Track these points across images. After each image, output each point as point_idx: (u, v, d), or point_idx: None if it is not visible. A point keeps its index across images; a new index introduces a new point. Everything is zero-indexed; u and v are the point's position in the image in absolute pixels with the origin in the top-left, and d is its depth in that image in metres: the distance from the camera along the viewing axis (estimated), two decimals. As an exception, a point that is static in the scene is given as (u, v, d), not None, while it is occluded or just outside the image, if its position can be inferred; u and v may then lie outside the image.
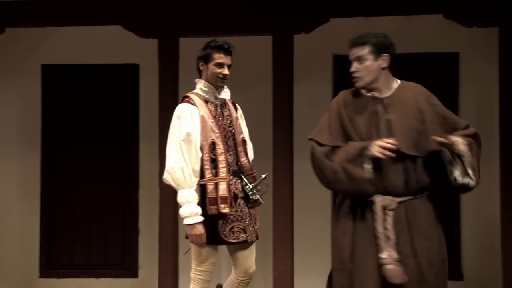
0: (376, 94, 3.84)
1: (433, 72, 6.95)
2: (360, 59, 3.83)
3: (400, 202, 3.73)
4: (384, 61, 3.83)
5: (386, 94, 3.84)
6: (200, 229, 4.19)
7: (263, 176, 4.41)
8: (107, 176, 7.41)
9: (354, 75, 3.83)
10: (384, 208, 3.69)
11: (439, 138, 3.66)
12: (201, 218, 4.21)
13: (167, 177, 4.26)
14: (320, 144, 3.84)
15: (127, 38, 6.65)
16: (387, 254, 3.65)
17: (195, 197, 4.20)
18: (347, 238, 3.76)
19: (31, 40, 7.36)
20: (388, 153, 3.63)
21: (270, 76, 6.18)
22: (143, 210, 7.33)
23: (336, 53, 7.16)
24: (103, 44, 7.31)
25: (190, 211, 4.20)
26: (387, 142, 3.63)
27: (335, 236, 3.85)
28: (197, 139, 4.28)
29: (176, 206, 6.23)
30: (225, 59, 4.37)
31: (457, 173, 3.67)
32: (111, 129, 7.46)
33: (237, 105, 4.61)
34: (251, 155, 4.59)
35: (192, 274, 4.37)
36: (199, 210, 4.21)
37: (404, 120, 3.76)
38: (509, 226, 6.00)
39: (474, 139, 3.81)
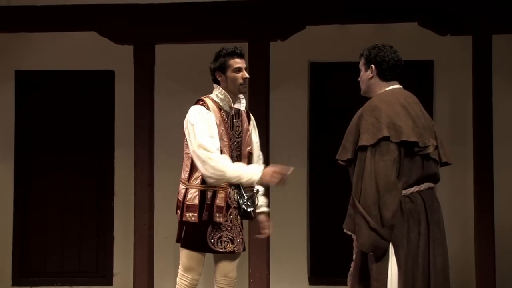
0: None
1: (408, 80, 6.89)
2: (360, 69, 4.02)
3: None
4: (371, 72, 3.94)
5: None
6: (269, 170, 4.14)
7: (255, 190, 4.38)
8: (81, 183, 7.39)
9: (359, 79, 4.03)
10: None
11: None
12: (261, 167, 4.19)
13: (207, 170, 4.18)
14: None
15: (103, 44, 6.66)
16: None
17: (241, 165, 4.18)
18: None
19: (4, 46, 7.30)
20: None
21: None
22: (118, 217, 7.31)
23: (312, 60, 7.21)
24: (78, 50, 7.30)
25: (251, 173, 4.14)
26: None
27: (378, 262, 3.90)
28: (216, 136, 4.23)
29: (152, 213, 6.33)
30: (241, 63, 4.31)
31: None
32: (86, 136, 7.44)
33: (251, 115, 4.55)
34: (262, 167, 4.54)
35: (177, 279, 4.37)
36: (253, 167, 4.18)
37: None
38: (483, 232, 6.05)
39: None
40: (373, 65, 3.91)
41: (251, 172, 4.16)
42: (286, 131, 6.93)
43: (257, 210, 4.44)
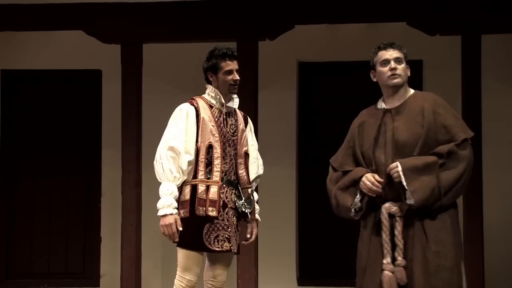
0: (389, 105, 3.98)
1: None
2: (399, 60, 3.98)
3: (409, 209, 3.81)
4: (409, 70, 4.04)
5: (397, 104, 3.97)
6: (171, 220, 4.17)
7: (249, 191, 4.43)
8: (68, 183, 7.35)
9: (396, 72, 3.95)
10: (393, 215, 3.81)
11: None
12: (174, 211, 4.20)
13: (155, 168, 4.32)
14: (334, 169, 4.07)
15: (90, 43, 6.62)
16: (386, 261, 3.80)
17: (171, 191, 4.21)
18: (364, 246, 3.94)
19: (-10, 45, 7.28)
20: (372, 193, 3.85)
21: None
22: (105, 218, 7.28)
23: (300, 59, 7.20)
24: (64, 49, 7.26)
25: (163, 202, 4.20)
26: (374, 184, 3.83)
27: (358, 243, 4.02)
28: (189, 139, 4.28)
29: (139, 214, 6.36)
30: (232, 65, 4.36)
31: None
32: (73, 136, 7.40)
33: (248, 118, 4.61)
34: (259, 170, 4.58)
35: (175, 280, 4.36)
36: (173, 202, 4.20)
37: (409, 126, 3.87)
38: (471, 233, 6.05)
39: (443, 157, 3.81)
40: (408, 66, 4.03)
41: (163, 202, 4.21)
42: (275, 131, 6.92)
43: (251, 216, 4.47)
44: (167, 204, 4.20)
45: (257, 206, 4.56)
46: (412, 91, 4.04)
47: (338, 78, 7.23)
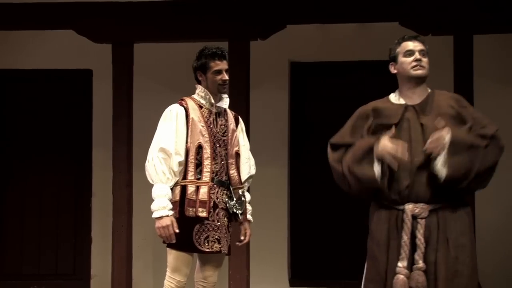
0: (408, 101, 3.83)
1: (388, 80, 6.97)
2: (423, 52, 3.87)
3: (432, 210, 3.69)
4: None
5: (418, 100, 3.83)
6: (167, 221, 4.16)
7: (240, 191, 4.42)
8: (59, 184, 7.34)
9: (420, 63, 3.83)
10: (416, 217, 3.66)
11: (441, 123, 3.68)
12: (170, 212, 4.19)
13: (146, 169, 4.31)
14: (334, 147, 3.83)
15: (80, 43, 6.61)
16: (402, 265, 3.64)
17: (166, 193, 4.20)
18: (382, 249, 3.73)
19: (-21, 44, 7.27)
20: (398, 158, 3.61)
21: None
22: (96, 218, 7.27)
23: (292, 59, 7.20)
24: (55, 49, 7.24)
25: (158, 204, 4.19)
26: (400, 150, 3.61)
27: (370, 247, 3.81)
28: (179, 140, 4.27)
29: (130, 214, 6.34)
30: (222, 65, 4.35)
31: (437, 160, 3.64)
32: (63, 136, 7.38)
33: (240, 118, 4.60)
34: (251, 171, 4.56)
35: (165, 281, 4.35)
36: (168, 204, 4.19)
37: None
38: None
39: (488, 140, 3.71)
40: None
41: (158, 204, 4.18)
42: (267, 131, 6.91)
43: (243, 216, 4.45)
44: (162, 206, 4.19)
45: (249, 207, 4.55)
46: (428, 88, 3.92)
47: (330, 78, 7.24)
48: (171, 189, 4.26)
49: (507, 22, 6.08)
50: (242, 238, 4.51)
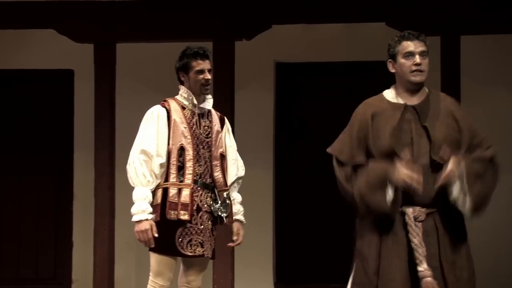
0: (407, 100, 3.71)
1: (377, 81, 6.93)
2: (424, 54, 3.71)
3: (429, 214, 3.63)
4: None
5: (417, 101, 3.72)
6: (146, 225, 4.13)
7: (225, 194, 4.39)
8: (39, 186, 7.29)
9: (420, 68, 3.69)
10: (415, 219, 3.60)
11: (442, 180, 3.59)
12: (150, 216, 4.17)
13: (127, 172, 4.31)
14: (340, 163, 3.71)
15: (62, 42, 6.57)
16: (425, 267, 3.55)
17: (146, 196, 4.18)
18: (373, 250, 3.63)
19: (-42, 44, 7.21)
20: (413, 187, 3.55)
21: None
22: (78, 222, 7.22)
23: (278, 60, 7.20)
24: (36, 48, 7.18)
25: (137, 208, 4.17)
26: (416, 179, 3.53)
27: (359, 247, 3.71)
28: (161, 142, 4.25)
29: (112, 217, 6.33)
30: (204, 65, 4.33)
31: (455, 192, 3.60)
32: (44, 137, 7.32)
33: (225, 119, 4.56)
34: (238, 172, 4.53)
35: (148, 286, 4.32)
36: (148, 207, 4.17)
37: (440, 128, 3.65)
38: None
39: (488, 164, 3.67)
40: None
41: (138, 207, 4.16)
42: (252, 132, 6.90)
43: (234, 217, 4.43)
44: (141, 210, 4.16)
45: (241, 208, 4.51)
46: (426, 88, 3.81)
47: (316, 79, 7.23)
48: (153, 192, 4.24)
49: (495, 22, 6.11)
50: (235, 238, 4.48)
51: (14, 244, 7.26)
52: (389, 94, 3.75)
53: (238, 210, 4.49)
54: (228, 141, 4.52)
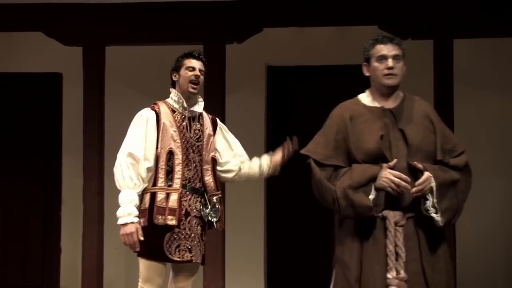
0: (383, 104, 3.75)
1: (368, 84, 6.96)
2: (397, 57, 3.75)
3: (409, 218, 3.65)
4: (404, 68, 3.81)
5: (393, 104, 3.76)
6: (132, 228, 4.15)
7: (215, 199, 4.40)
8: (27, 191, 7.26)
9: (392, 71, 3.73)
10: (395, 224, 3.61)
11: (419, 165, 3.62)
12: (135, 219, 4.19)
13: (114, 175, 4.32)
14: (319, 163, 3.73)
15: (50, 45, 6.57)
16: (392, 275, 3.57)
17: (132, 199, 4.20)
18: (354, 257, 3.64)
19: None
20: (399, 189, 3.58)
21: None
22: (66, 227, 7.19)
23: (269, 63, 7.20)
24: (24, 51, 7.19)
25: (123, 211, 4.19)
26: (402, 179, 3.57)
27: (339, 254, 3.71)
28: (148, 145, 4.26)
29: (101, 223, 6.33)
30: (195, 63, 4.39)
31: (428, 204, 3.63)
32: (32, 141, 7.30)
33: (218, 120, 4.59)
34: (243, 153, 4.63)
35: None
36: (133, 210, 4.19)
37: (416, 131, 3.69)
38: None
39: (462, 171, 3.73)
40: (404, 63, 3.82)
41: (124, 210, 4.18)
42: (243, 136, 6.65)
43: (273, 157, 4.59)
44: (127, 212, 4.17)
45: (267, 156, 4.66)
46: (400, 92, 3.84)
47: (308, 83, 7.22)
48: (141, 196, 4.24)
49: (488, 26, 6.11)
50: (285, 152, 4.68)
51: (1, 250, 7.22)
52: (365, 98, 3.80)
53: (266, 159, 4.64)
54: (230, 139, 4.58)
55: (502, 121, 6.91)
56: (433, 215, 3.58)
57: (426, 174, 3.57)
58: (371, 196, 3.58)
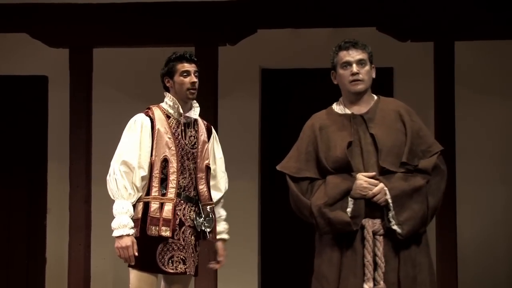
0: (354, 110, 3.77)
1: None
2: (362, 62, 3.77)
3: (388, 226, 3.64)
4: (374, 71, 3.83)
5: (365, 109, 3.77)
6: (127, 241, 4.07)
7: (209, 208, 4.30)
8: (10, 198, 7.18)
9: (358, 77, 3.74)
10: (374, 234, 3.61)
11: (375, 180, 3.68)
12: (131, 231, 4.10)
13: (107, 184, 4.23)
14: (293, 178, 3.76)
15: (35, 47, 6.52)
16: (370, 285, 3.57)
17: (127, 210, 4.12)
18: (333, 268, 3.65)
19: None
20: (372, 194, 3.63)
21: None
22: (51, 237, 7.12)
23: (263, 66, 7.17)
24: (8, 54, 7.11)
25: (119, 222, 4.10)
26: (370, 177, 3.62)
27: (318, 265, 3.72)
28: (143, 153, 4.18)
29: (88, 232, 6.25)
30: (189, 67, 4.28)
31: (390, 216, 3.63)
32: (16, 147, 7.23)
33: (212, 129, 4.51)
34: (226, 186, 4.49)
35: None
36: (129, 222, 4.10)
37: (387, 134, 3.69)
38: (444, 248, 5.98)
39: (432, 173, 3.69)
40: (373, 66, 3.84)
41: (119, 222, 4.08)
42: (236, 141, 6.82)
43: (217, 236, 4.38)
44: (123, 224, 4.07)
45: (226, 225, 4.44)
46: (375, 96, 3.85)
47: (303, 86, 7.18)
48: (133, 205, 4.14)
49: (490, 28, 6.07)
50: (220, 259, 4.42)
51: (-16, 261, 7.21)
52: (337, 106, 3.84)
53: (224, 228, 4.42)
54: (217, 153, 4.45)
55: (505, 125, 6.88)
56: (394, 227, 3.57)
57: (378, 187, 3.58)
58: (349, 209, 3.59)
